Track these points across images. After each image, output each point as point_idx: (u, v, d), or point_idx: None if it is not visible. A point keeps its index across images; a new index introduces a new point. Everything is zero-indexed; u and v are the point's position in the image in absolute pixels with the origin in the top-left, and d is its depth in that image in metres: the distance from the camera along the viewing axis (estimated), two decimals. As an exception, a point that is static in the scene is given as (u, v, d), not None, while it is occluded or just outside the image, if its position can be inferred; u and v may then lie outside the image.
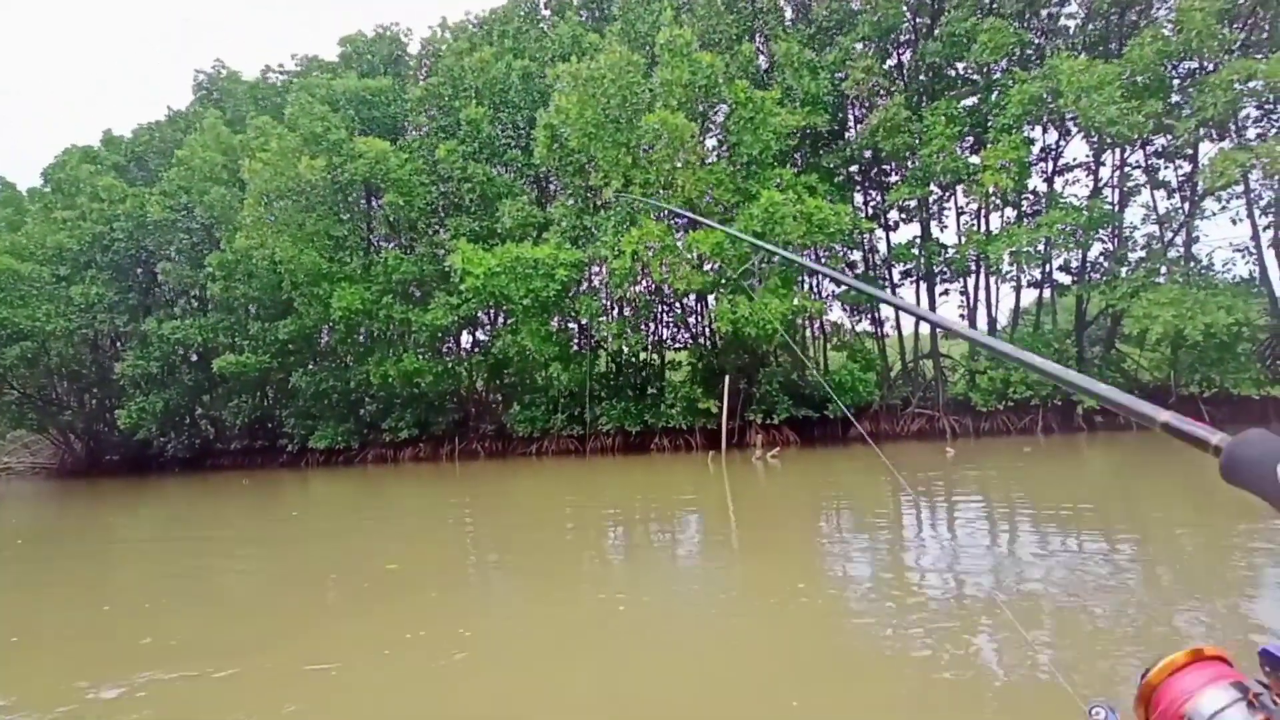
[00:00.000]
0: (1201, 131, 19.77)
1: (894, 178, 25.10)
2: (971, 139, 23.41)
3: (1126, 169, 23.64)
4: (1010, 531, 8.83)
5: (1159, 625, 4.96)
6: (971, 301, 25.16)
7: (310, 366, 28.96)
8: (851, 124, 25.42)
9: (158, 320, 29.51)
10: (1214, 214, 22.63)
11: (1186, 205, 22.59)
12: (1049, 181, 24.29)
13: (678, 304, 26.30)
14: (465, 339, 29.92)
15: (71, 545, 12.90)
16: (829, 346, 27.03)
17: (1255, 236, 21.88)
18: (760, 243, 2.76)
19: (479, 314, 27.31)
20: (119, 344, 33.61)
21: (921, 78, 23.86)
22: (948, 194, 24.91)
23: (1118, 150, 22.96)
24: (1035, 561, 6.96)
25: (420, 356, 26.13)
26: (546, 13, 29.59)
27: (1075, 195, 23.62)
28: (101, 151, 33.95)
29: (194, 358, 31.73)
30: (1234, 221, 22.56)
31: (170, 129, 33.45)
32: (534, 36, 28.07)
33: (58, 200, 32.00)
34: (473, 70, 26.13)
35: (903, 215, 25.79)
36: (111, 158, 33.50)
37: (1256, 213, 21.78)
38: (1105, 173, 23.82)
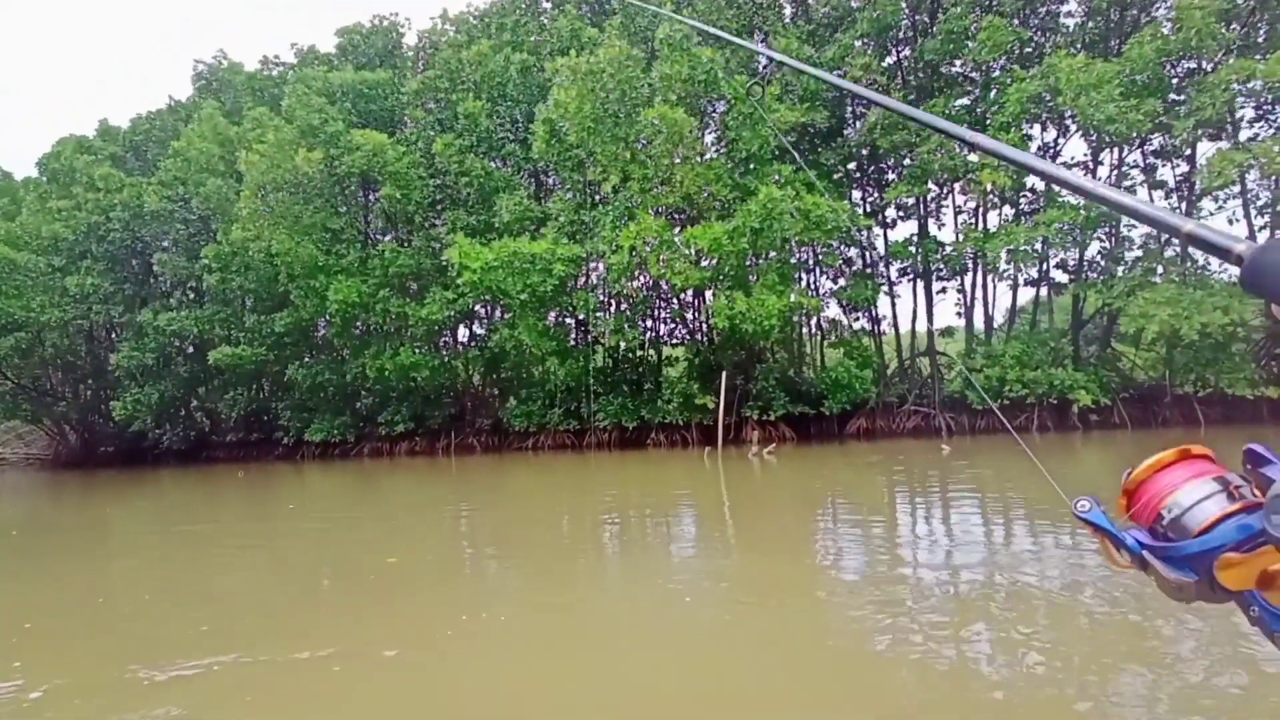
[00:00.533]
0: (1199, 131, 19.81)
1: (891, 175, 25.13)
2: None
3: (1124, 168, 23.70)
4: (1006, 527, 8.87)
5: (1151, 617, 4.99)
6: (968, 300, 25.23)
7: (306, 359, 28.92)
8: (850, 121, 25.41)
9: (153, 311, 29.44)
10: (1211, 213, 22.72)
11: (1184, 205, 22.64)
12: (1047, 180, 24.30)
13: (675, 299, 26.31)
14: (462, 333, 29.93)
15: (67, 537, 12.87)
16: (825, 344, 27.05)
17: (1251, 236, 21.87)
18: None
19: (476, 308, 27.30)
20: (114, 335, 33.55)
21: (920, 74, 23.85)
22: (945, 192, 24.93)
23: (1116, 149, 23.00)
24: (1030, 557, 6.99)
25: (417, 350, 26.12)
26: (546, 5, 29.49)
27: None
28: (97, 142, 33.80)
29: (190, 349, 31.69)
30: (1231, 221, 22.67)
31: (171, 118, 33.30)
32: (533, 30, 27.97)
33: (53, 190, 31.87)
34: (470, 63, 26.04)
35: (900, 213, 25.83)
36: (109, 148, 33.37)
37: (1253, 212, 21.88)
38: (1103, 171, 23.87)
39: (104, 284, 30.15)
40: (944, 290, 25.81)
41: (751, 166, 22.00)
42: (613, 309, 26.28)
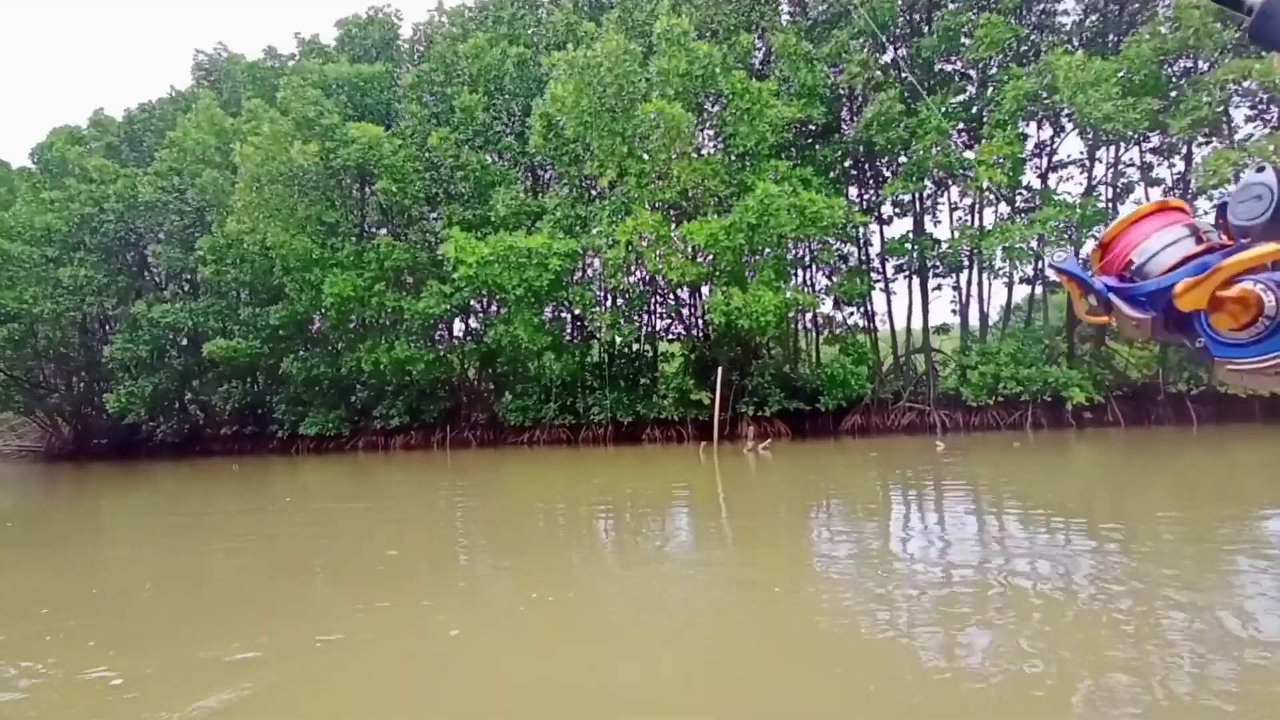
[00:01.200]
0: (1195, 130, 19.86)
1: (888, 172, 25.14)
2: (966, 134, 23.46)
3: (1120, 166, 23.75)
4: (999, 523, 8.91)
5: (1143, 612, 5.03)
6: (964, 297, 25.26)
7: (301, 353, 28.82)
8: (847, 117, 25.39)
9: (147, 303, 29.29)
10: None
11: (1179, 204, 22.71)
12: (1043, 178, 24.36)
13: (671, 295, 26.30)
14: (458, 327, 29.88)
15: (61, 529, 12.84)
16: (821, 340, 27.08)
17: (1245, 235, 22.05)
18: None
19: (472, 303, 27.24)
20: (108, 327, 33.38)
21: (917, 70, 23.83)
22: (941, 189, 24.95)
23: (1112, 147, 23.05)
24: (1023, 553, 7.03)
25: (412, 344, 26.06)
26: (542, -2, 29.36)
27: (1069, 192, 23.72)
28: (90, 133, 33.57)
29: (184, 342, 31.55)
30: (1225, 220, 22.72)
31: (171, 107, 33.08)
32: (529, 23, 27.86)
33: (46, 181, 31.67)
34: (466, 57, 25.93)
35: (896, 209, 25.83)
36: (103, 138, 33.16)
37: (1247, 212, 21.93)
38: (1099, 170, 23.93)
39: (98, 276, 29.98)
40: (939, 287, 25.85)
41: (748, 162, 21.97)
42: (609, 304, 26.27)
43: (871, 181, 26.01)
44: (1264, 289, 0.82)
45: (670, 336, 27.66)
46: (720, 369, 22.05)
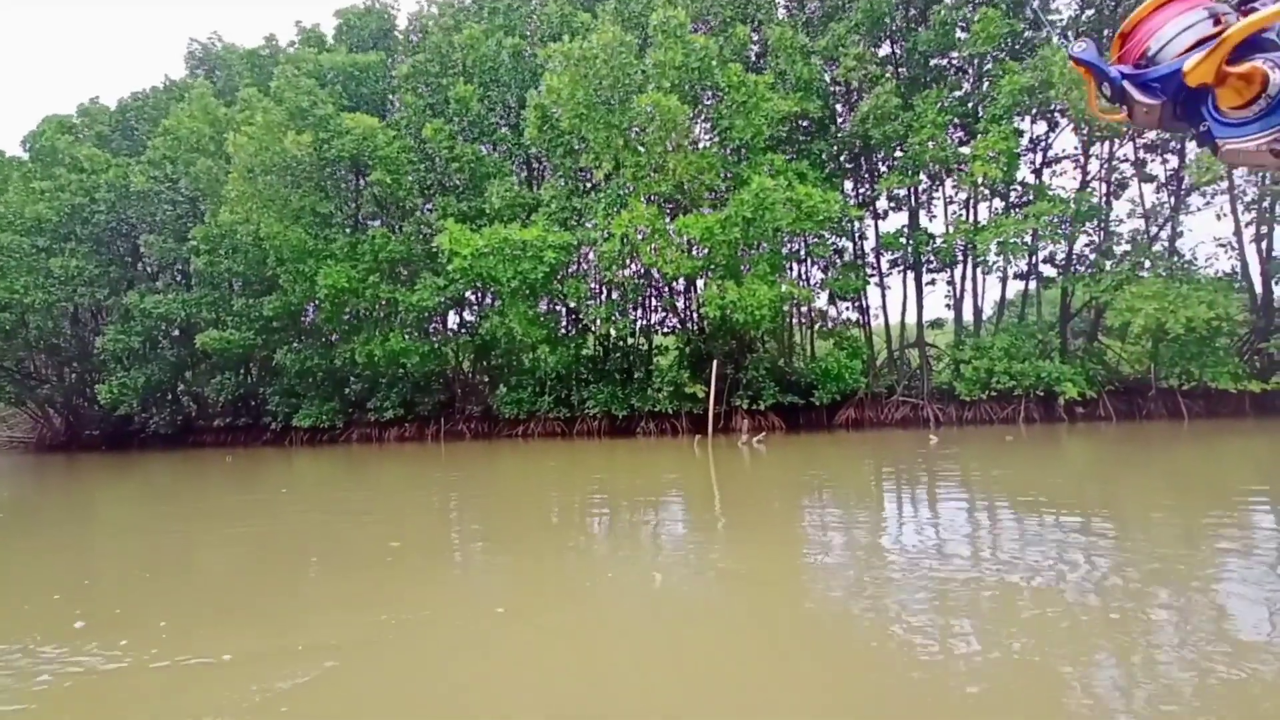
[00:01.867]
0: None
1: (884, 167, 25.16)
2: (962, 130, 23.49)
3: (1115, 162, 23.84)
4: (991, 516, 8.97)
5: (1131, 603, 5.08)
6: (958, 292, 25.35)
7: (295, 344, 28.75)
8: (842, 112, 25.39)
9: (140, 294, 29.14)
10: (1199, 209, 22.93)
11: (1172, 200, 22.84)
12: (1037, 173, 24.44)
13: (666, 288, 26.30)
14: (452, 320, 29.84)
15: (54, 520, 12.80)
16: (815, 334, 27.16)
17: (1238, 232, 22.18)
18: None
19: (466, 295, 27.20)
20: (100, 318, 33.20)
21: (914, 65, 23.82)
22: (936, 184, 25.00)
23: (1107, 143, 23.12)
24: (1017, 545, 7.08)
25: (406, 336, 26.03)
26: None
27: (1063, 188, 23.80)
28: (80, 122, 33.30)
29: (176, 333, 31.42)
30: (1218, 217, 22.87)
31: (165, 96, 32.85)
32: (525, 14, 27.74)
33: (37, 170, 31.42)
34: (461, 48, 25.80)
35: (892, 204, 25.89)
36: (95, 127, 32.90)
37: (1240, 208, 22.08)
38: (1094, 166, 24.01)
39: (89, 266, 29.79)
40: (933, 282, 25.98)
41: (744, 155, 21.95)
42: (604, 297, 26.26)
43: (867, 176, 26.04)
44: (1271, 66, 0.84)
45: (665, 330, 27.70)
46: (715, 362, 22.10)
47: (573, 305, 25.40)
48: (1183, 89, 0.89)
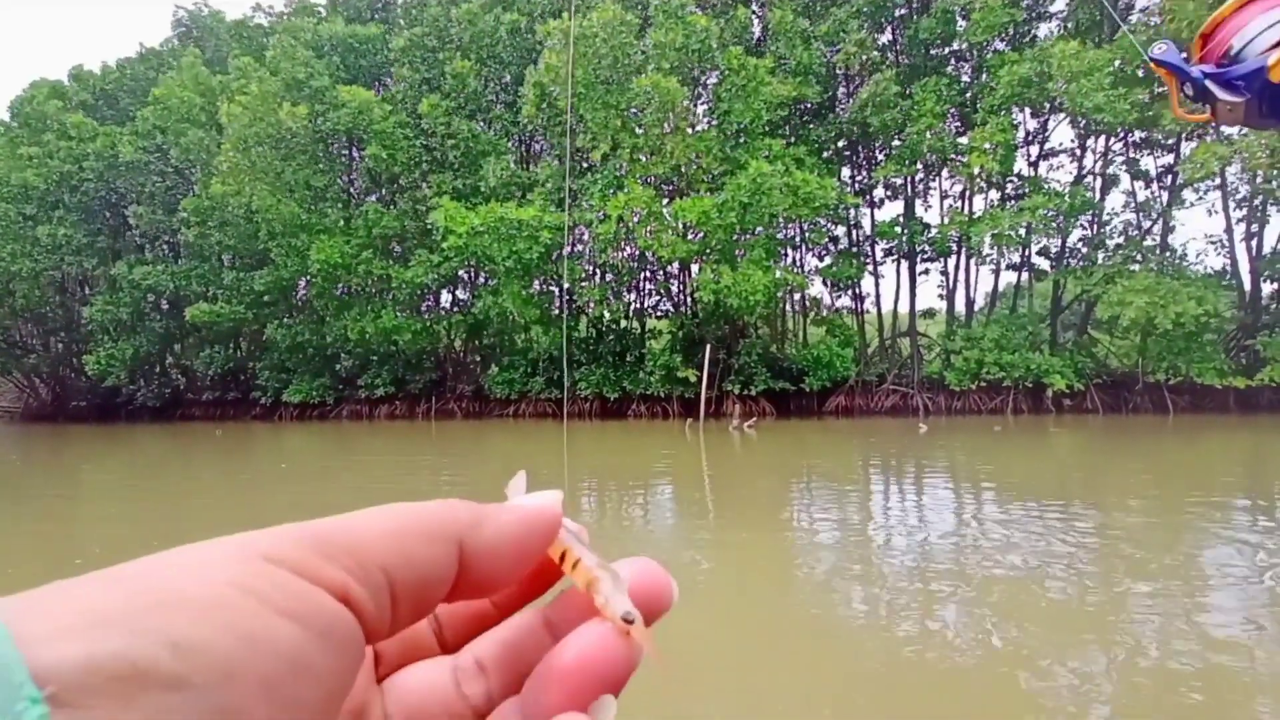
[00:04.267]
0: (1184, 124, 20.00)
1: (881, 155, 25.14)
2: (960, 121, 23.46)
3: (1109, 156, 23.91)
4: (976, 504, 9.10)
5: (1112, 593, 5.20)
6: (951, 282, 25.49)
7: (286, 319, 28.58)
8: (841, 98, 25.30)
9: (128, 265, 28.84)
10: (1191, 204, 23.07)
11: (1165, 195, 22.96)
12: (1033, 166, 24.49)
13: (661, 271, 26.27)
14: (445, 298, 29.73)
15: (40, 489, 12.77)
16: (808, 321, 27.24)
17: (1228, 229, 22.36)
18: None
19: (460, 273, 27.08)
20: (87, 288, 32.86)
21: (914, 53, 23.74)
22: (933, 174, 25.02)
23: (1102, 138, 23.18)
24: (1001, 534, 7.20)
25: (399, 314, 25.92)
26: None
27: (1058, 181, 23.87)
28: (71, 87, 32.72)
29: (165, 305, 31.15)
30: (1210, 213, 23.03)
31: (143, 66, 32.29)
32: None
33: (25, 136, 30.91)
34: (459, 22, 25.48)
35: (888, 193, 25.90)
36: (81, 94, 32.34)
37: (1231, 206, 22.23)
38: (1089, 160, 24.09)
39: (77, 235, 29.43)
40: (927, 272, 26.06)
41: (742, 140, 21.86)
42: (598, 279, 26.21)
43: (864, 164, 26.02)
44: None
45: (659, 313, 27.69)
46: (708, 347, 22.14)
47: (567, 286, 25.37)
48: (1268, 85, 0.91)
